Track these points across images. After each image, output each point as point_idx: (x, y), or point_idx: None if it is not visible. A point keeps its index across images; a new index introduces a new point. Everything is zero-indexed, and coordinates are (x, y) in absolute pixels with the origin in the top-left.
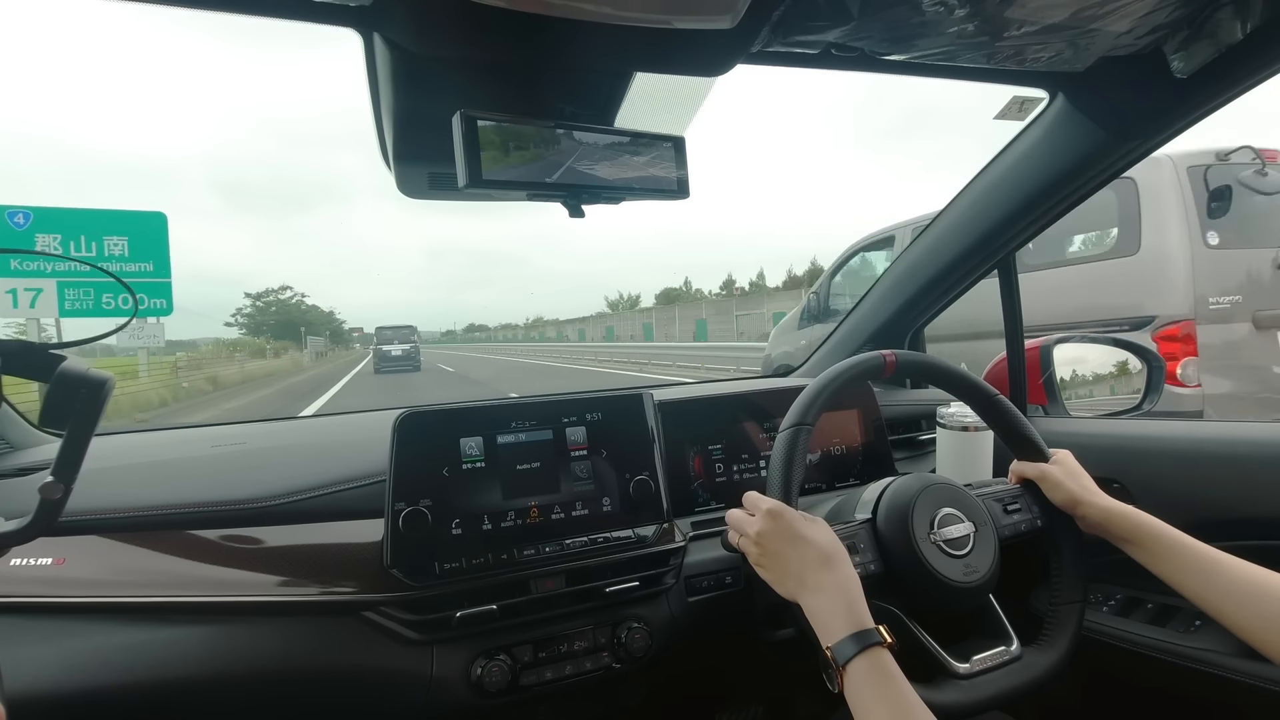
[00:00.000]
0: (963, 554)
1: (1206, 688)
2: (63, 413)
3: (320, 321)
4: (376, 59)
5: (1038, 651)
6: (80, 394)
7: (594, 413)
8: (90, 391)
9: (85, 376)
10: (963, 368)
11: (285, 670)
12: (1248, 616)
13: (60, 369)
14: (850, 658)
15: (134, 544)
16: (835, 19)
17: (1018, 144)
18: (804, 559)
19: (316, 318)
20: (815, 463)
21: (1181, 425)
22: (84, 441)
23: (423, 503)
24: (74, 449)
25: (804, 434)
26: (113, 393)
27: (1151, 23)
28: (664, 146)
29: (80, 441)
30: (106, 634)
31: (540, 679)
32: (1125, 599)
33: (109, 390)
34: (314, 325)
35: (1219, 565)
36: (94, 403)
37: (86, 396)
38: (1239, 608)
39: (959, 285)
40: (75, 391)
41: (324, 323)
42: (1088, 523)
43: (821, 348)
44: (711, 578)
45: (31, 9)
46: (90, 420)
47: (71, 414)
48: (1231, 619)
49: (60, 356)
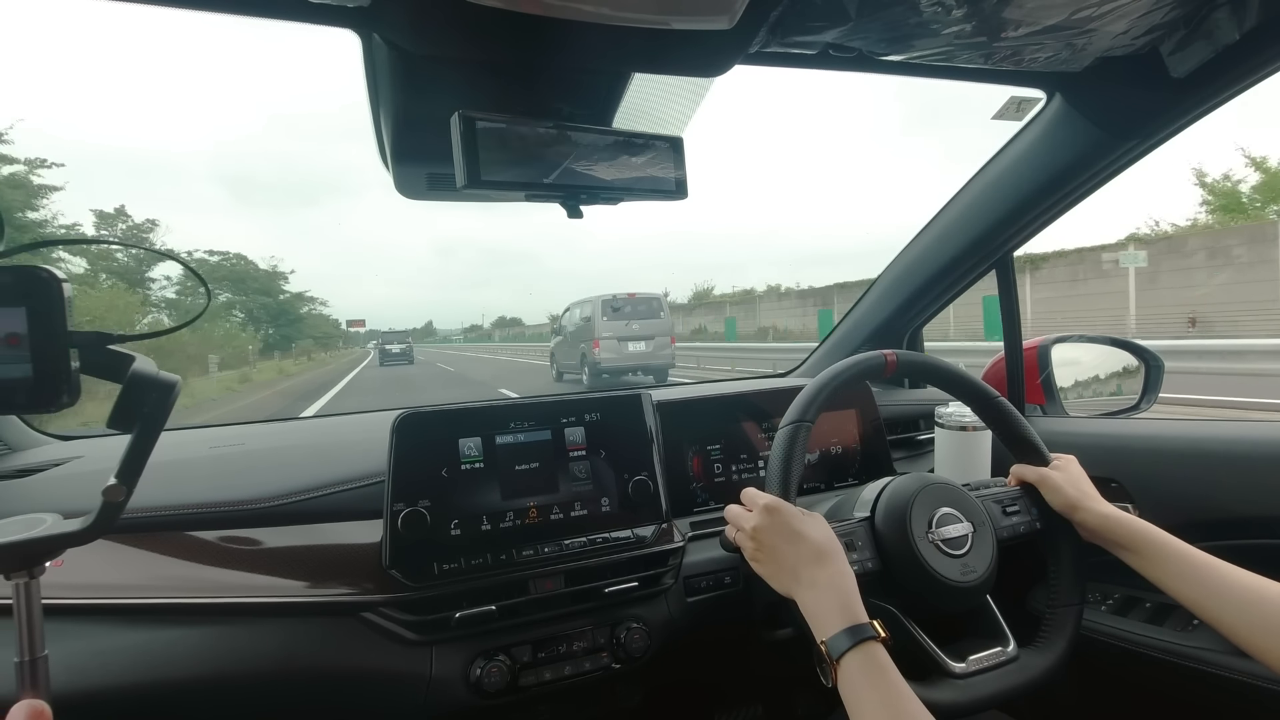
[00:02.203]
0: (960, 554)
1: (1203, 686)
2: (132, 414)
3: (259, 286)
4: (375, 59)
5: (1034, 653)
6: (150, 397)
7: (592, 413)
8: (160, 394)
9: (156, 379)
10: (962, 367)
11: (284, 671)
12: (1244, 623)
13: (132, 370)
14: (844, 652)
15: (133, 545)
16: (833, 19)
17: (1015, 144)
18: (799, 554)
19: (257, 283)
20: (814, 462)
21: (1179, 425)
22: (150, 444)
23: (421, 503)
24: (140, 451)
25: (803, 431)
26: (179, 396)
27: (1148, 23)
28: (662, 147)
29: (147, 444)
30: (106, 635)
31: (539, 679)
32: (1123, 598)
33: (177, 393)
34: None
35: (1216, 572)
36: (163, 405)
37: (156, 399)
38: (1236, 615)
39: (957, 285)
40: (146, 394)
41: (268, 294)
42: (1085, 529)
43: (820, 347)
44: (710, 578)
45: (32, 4)
46: (159, 423)
47: (140, 416)
48: (1228, 626)
49: (128, 355)
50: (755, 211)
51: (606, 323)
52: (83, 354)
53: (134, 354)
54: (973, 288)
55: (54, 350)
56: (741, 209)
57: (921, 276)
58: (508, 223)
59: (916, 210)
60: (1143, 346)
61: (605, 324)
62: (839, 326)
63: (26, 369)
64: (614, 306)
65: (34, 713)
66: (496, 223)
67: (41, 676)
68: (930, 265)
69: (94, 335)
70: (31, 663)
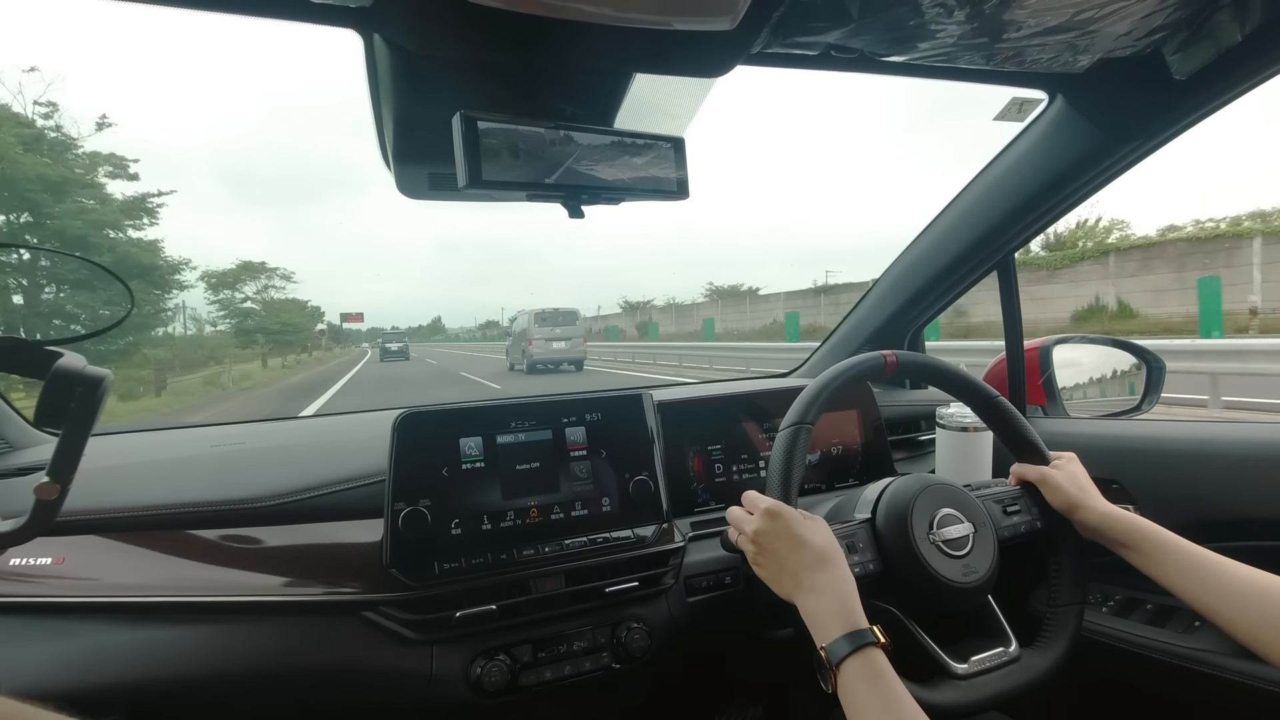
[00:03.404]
0: (962, 554)
1: (1205, 688)
2: (58, 411)
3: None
4: (376, 60)
5: (1036, 653)
6: (76, 392)
7: (593, 413)
8: (86, 389)
9: (81, 374)
10: (962, 368)
11: (284, 670)
12: (1245, 619)
13: (55, 366)
14: (844, 658)
15: (133, 544)
16: (835, 20)
17: (1017, 145)
18: (800, 559)
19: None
20: (815, 463)
21: (1180, 426)
22: (80, 440)
23: (422, 503)
24: (70, 448)
25: (803, 433)
26: (111, 390)
27: (1150, 24)
28: (664, 147)
29: (77, 440)
30: (106, 633)
31: (540, 679)
32: (1124, 599)
33: (107, 388)
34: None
35: (1216, 568)
36: (90, 401)
37: (83, 394)
38: (1236, 610)
39: (958, 286)
40: (70, 389)
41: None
42: (1085, 527)
43: (821, 348)
44: (711, 578)
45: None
46: (87, 419)
47: (67, 413)
48: (1229, 621)
49: (56, 353)
50: (756, 210)
51: (538, 328)
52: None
53: (61, 351)
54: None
55: None
56: (742, 208)
57: (922, 277)
58: (513, 220)
59: (921, 210)
60: (1144, 347)
61: (537, 329)
62: (839, 327)
63: None
64: (543, 317)
65: None
66: (501, 220)
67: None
68: (931, 266)
69: (10, 340)
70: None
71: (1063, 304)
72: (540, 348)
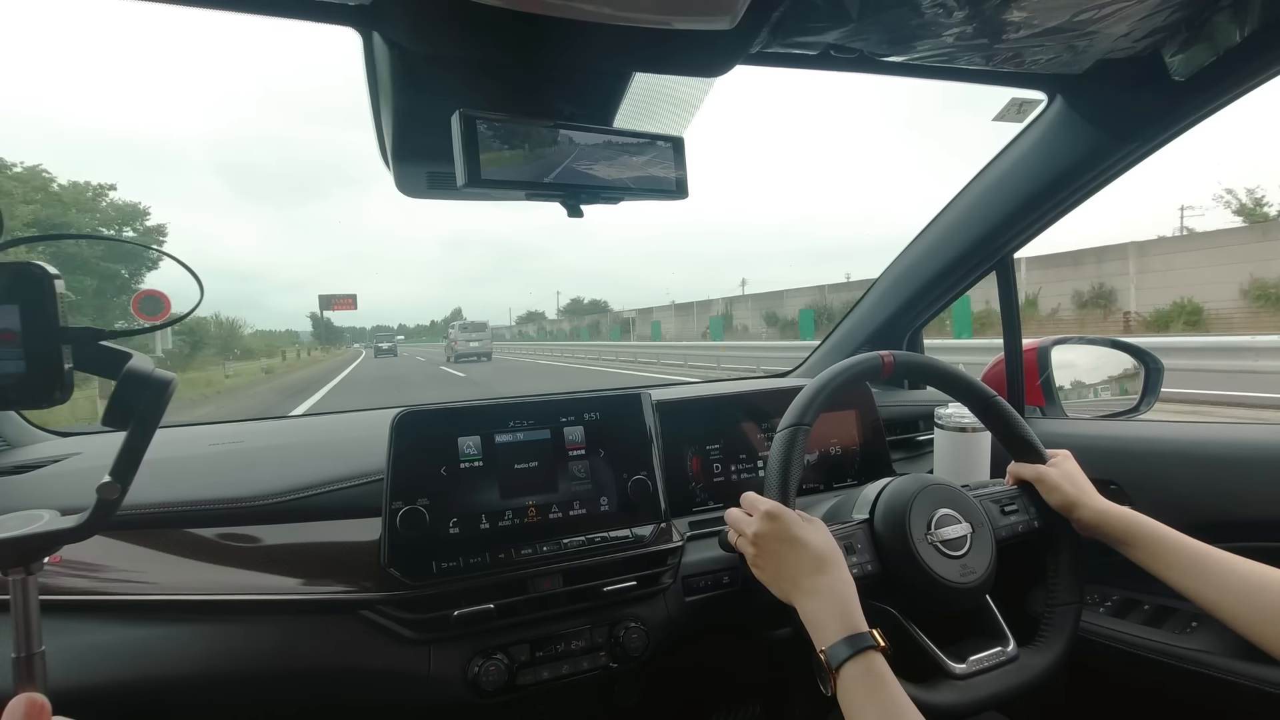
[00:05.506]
0: (960, 555)
1: (1202, 689)
2: (127, 412)
3: None
4: (376, 58)
5: (1034, 652)
6: (144, 395)
7: (592, 412)
8: (155, 392)
9: (150, 377)
10: (961, 368)
11: (282, 669)
12: (1245, 611)
13: (128, 367)
14: (843, 661)
15: (131, 542)
16: (834, 20)
17: (1016, 145)
18: (799, 562)
19: None
20: (813, 463)
21: (1178, 427)
22: (145, 442)
23: (420, 502)
24: (134, 449)
25: (801, 434)
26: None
27: (1150, 25)
28: (663, 147)
29: (141, 442)
30: (103, 632)
31: (537, 678)
32: (1122, 600)
33: (172, 391)
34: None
35: (1215, 562)
36: (158, 403)
37: (150, 397)
38: (1236, 603)
39: (957, 286)
40: (140, 392)
41: None
42: (1083, 525)
43: (820, 348)
44: (709, 577)
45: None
46: (153, 421)
47: (134, 414)
48: (1229, 614)
49: (125, 352)
50: (757, 208)
51: (460, 334)
52: (75, 350)
53: (130, 351)
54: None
55: (46, 346)
56: (743, 207)
57: (921, 277)
58: (523, 218)
59: (922, 208)
60: (1142, 348)
61: (459, 334)
62: (839, 327)
63: (20, 365)
64: (464, 327)
65: (32, 705)
66: (509, 218)
67: (39, 671)
68: (930, 266)
69: (86, 331)
70: (28, 658)
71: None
72: (462, 346)
